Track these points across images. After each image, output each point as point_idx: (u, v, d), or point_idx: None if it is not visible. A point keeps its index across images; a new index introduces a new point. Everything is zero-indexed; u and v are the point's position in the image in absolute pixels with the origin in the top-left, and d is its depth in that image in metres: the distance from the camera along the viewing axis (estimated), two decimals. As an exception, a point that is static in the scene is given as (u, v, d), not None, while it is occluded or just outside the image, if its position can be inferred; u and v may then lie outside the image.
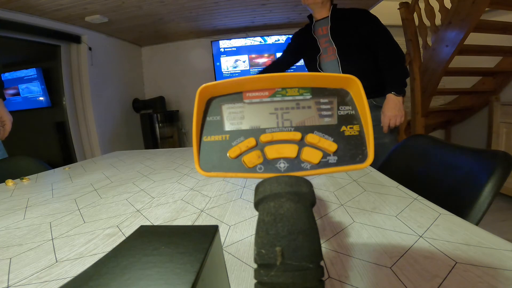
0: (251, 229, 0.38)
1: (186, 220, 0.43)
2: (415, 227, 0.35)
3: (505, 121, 2.09)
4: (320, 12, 1.24)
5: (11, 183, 0.76)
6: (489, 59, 2.37)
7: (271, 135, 0.19)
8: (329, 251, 0.31)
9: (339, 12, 1.24)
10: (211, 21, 2.76)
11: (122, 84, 3.07)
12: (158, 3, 2.16)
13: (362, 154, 0.19)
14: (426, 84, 2.25)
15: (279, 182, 0.16)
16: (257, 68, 3.19)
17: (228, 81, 0.19)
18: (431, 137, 0.72)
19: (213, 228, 0.18)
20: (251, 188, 0.57)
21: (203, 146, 0.19)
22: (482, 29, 1.88)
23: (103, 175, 0.79)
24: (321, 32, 1.26)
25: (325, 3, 1.22)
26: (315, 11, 1.25)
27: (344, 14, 1.22)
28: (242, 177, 0.19)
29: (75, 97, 2.62)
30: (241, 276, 0.28)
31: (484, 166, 0.48)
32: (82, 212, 0.50)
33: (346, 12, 1.23)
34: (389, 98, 1.11)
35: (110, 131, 2.84)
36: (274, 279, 0.13)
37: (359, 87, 0.19)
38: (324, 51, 1.26)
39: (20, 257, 0.35)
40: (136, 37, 3.06)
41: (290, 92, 0.20)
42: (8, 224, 0.47)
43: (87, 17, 2.26)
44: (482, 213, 0.44)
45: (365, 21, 1.18)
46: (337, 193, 0.51)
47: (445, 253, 0.29)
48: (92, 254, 0.34)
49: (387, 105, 1.11)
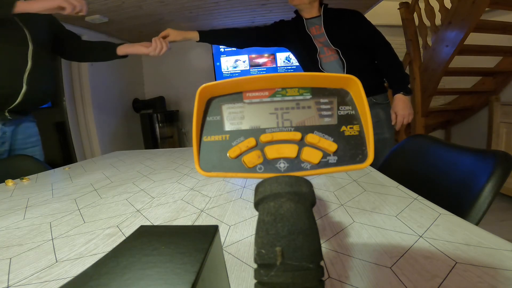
0: (251, 229, 0.38)
1: (186, 220, 0.43)
2: (415, 227, 0.35)
3: (505, 121, 2.09)
4: (310, 11, 1.25)
5: (11, 183, 0.76)
6: (489, 59, 2.37)
7: (271, 135, 0.19)
8: (329, 251, 0.31)
9: (331, 11, 1.24)
10: (211, 21, 2.76)
11: (122, 84, 3.07)
12: (158, 3, 2.16)
13: (362, 154, 0.19)
14: (426, 84, 2.26)
15: (279, 182, 0.16)
16: (257, 68, 3.19)
17: (228, 81, 0.19)
18: (431, 137, 0.72)
19: (213, 228, 0.18)
20: (251, 188, 0.57)
21: (203, 146, 0.19)
22: (482, 29, 1.88)
23: (103, 175, 0.79)
24: (315, 31, 1.26)
25: (312, 3, 1.22)
26: (304, 11, 1.26)
27: (336, 14, 1.23)
28: (242, 177, 0.19)
29: (75, 97, 2.62)
30: (241, 276, 0.28)
31: (484, 166, 0.48)
32: (82, 212, 0.50)
33: (338, 12, 1.24)
34: (398, 98, 1.19)
35: (110, 131, 2.84)
36: (274, 279, 0.13)
37: (359, 87, 0.19)
38: (321, 51, 1.26)
39: (20, 257, 0.35)
40: (136, 37, 3.06)
41: (290, 92, 0.20)
42: (8, 224, 0.47)
43: (87, 17, 2.26)
44: (482, 213, 0.44)
45: (360, 25, 1.22)
46: (337, 193, 0.51)
47: (445, 253, 0.29)
48: (92, 254, 0.34)
49: (399, 105, 1.19)
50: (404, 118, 1.20)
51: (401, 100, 1.18)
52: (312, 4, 1.23)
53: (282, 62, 3.16)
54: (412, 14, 2.26)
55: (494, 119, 2.17)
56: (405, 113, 1.19)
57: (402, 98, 1.18)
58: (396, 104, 1.20)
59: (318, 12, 1.24)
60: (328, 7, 1.26)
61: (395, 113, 1.22)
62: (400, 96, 1.18)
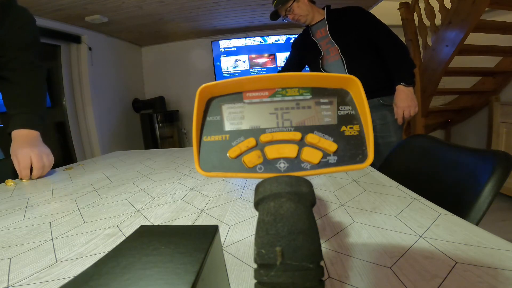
0: (251, 229, 0.38)
1: (186, 220, 0.43)
2: (415, 227, 0.35)
3: (505, 121, 2.09)
4: (313, 19, 1.26)
5: (11, 183, 0.76)
6: (489, 59, 2.37)
7: (271, 135, 0.19)
8: (329, 251, 0.31)
9: (334, 12, 1.24)
10: (211, 21, 2.77)
11: (122, 84, 3.07)
12: (158, 3, 2.16)
13: (362, 154, 0.19)
14: (426, 84, 2.25)
15: (279, 182, 0.16)
16: (257, 68, 3.19)
17: (228, 81, 0.19)
18: (431, 137, 0.72)
19: (213, 228, 0.18)
20: (251, 188, 0.57)
21: (203, 146, 0.19)
22: (482, 29, 1.88)
23: (103, 175, 0.79)
24: (320, 34, 1.27)
25: (311, 12, 1.24)
26: (308, 22, 1.27)
27: (339, 14, 1.23)
28: (242, 177, 0.19)
29: (75, 97, 2.62)
30: (241, 276, 0.28)
31: (484, 166, 0.48)
32: (82, 212, 0.50)
33: (341, 11, 1.24)
34: (399, 89, 1.10)
35: (110, 131, 2.84)
36: (274, 279, 0.13)
37: (359, 87, 0.19)
38: (326, 53, 1.27)
39: (20, 257, 0.35)
40: (136, 37, 3.06)
41: (290, 92, 0.20)
42: (8, 224, 0.47)
43: (87, 17, 2.27)
44: (482, 213, 0.44)
45: (362, 18, 1.19)
46: (337, 193, 0.51)
47: (445, 253, 0.29)
48: (92, 254, 0.34)
49: (399, 96, 1.10)
50: (404, 110, 1.10)
51: (401, 91, 1.09)
52: (311, 12, 1.24)
53: (282, 62, 3.16)
54: (412, 14, 2.26)
55: (494, 119, 2.17)
56: (405, 105, 1.09)
57: (402, 89, 1.09)
58: (396, 96, 1.12)
59: (322, 16, 1.25)
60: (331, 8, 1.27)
61: (395, 105, 1.13)
62: (401, 87, 1.09)
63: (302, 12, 1.22)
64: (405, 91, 1.09)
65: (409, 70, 1.10)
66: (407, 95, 1.09)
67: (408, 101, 1.09)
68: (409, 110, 1.10)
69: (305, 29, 1.34)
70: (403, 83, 1.09)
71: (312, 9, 1.25)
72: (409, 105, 1.09)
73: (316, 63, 1.29)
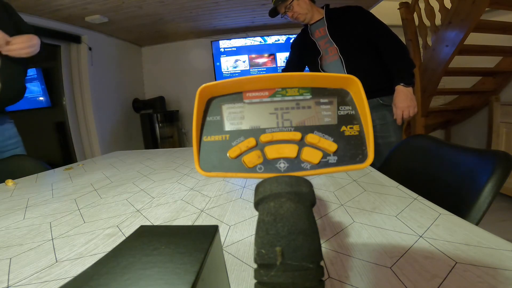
0: (251, 229, 0.38)
1: (186, 220, 0.43)
2: (415, 227, 0.35)
3: (505, 121, 2.09)
4: (312, 18, 1.26)
5: (11, 183, 0.76)
6: (489, 59, 2.37)
7: (271, 135, 0.19)
8: (329, 251, 0.31)
9: (333, 11, 1.24)
10: (211, 21, 2.76)
11: (122, 84, 3.07)
12: (158, 3, 2.16)
13: (362, 154, 0.19)
14: (426, 84, 2.25)
15: (279, 182, 0.16)
16: (257, 68, 3.19)
17: (228, 81, 0.19)
18: (431, 137, 0.72)
19: (213, 228, 0.18)
20: (251, 188, 0.57)
21: (203, 146, 0.19)
22: (482, 29, 1.88)
23: (103, 175, 0.79)
24: (318, 34, 1.26)
25: (310, 11, 1.23)
26: (306, 21, 1.27)
27: (338, 13, 1.22)
28: (242, 177, 0.19)
29: (75, 97, 2.62)
30: (241, 276, 0.28)
31: (484, 166, 0.48)
32: (82, 212, 0.50)
33: (339, 10, 1.23)
34: (398, 90, 1.09)
35: (110, 131, 2.84)
36: (274, 279, 0.13)
37: (359, 87, 0.19)
38: (325, 52, 1.26)
39: (20, 257, 0.35)
40: (136, 37, 3.06)
41: (290, 92, 0.20)
42: (8, 224, 0.47)
43: (87, 17, 2.26)
44: (482, 213, 0.44)
45: (361, 18, 1.18)
46: (337, 193, 0.51)
47: (445, 253, 0.29)
48: (92, 254, 0.34)
49: (398, 97, 1.09)
50: (404, 111, 1.09)
51: (401, 91, 1.08)
52: (311, 11, 1.23)
53: (282, 62, 3.16)
54: (412, 14, 2.26)
55: (494, 119, 2.17)
56: (404, 106, 1.08)
57: (402, 89, 1.08)
58: (395, 96, 1.10)
59: (321, 15, 1.25)
60: (330, 7, 1.27)
61: (394, 105, 1.12)
62: (400, 87, 1.08)
63: (302, 11, 1.21)
64: (405, 91, 1.08)
65: (408, 70, 1.10)
66: (407, 95, 1.08)
67: (407, 102, 1.08)
68: (409, 110, 1.09)
69: (304, 28, 1.33)
70: (402, 83, 1.08)
71: (312, 8, 1.24)
72: (408, 105, 1.08)
73: (315, 63, 1.29)
